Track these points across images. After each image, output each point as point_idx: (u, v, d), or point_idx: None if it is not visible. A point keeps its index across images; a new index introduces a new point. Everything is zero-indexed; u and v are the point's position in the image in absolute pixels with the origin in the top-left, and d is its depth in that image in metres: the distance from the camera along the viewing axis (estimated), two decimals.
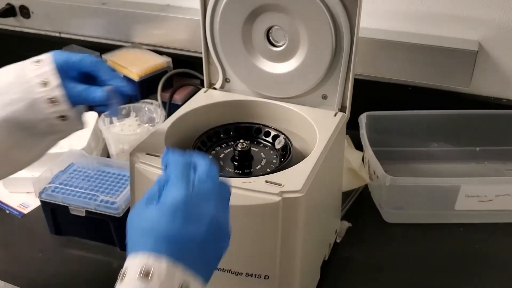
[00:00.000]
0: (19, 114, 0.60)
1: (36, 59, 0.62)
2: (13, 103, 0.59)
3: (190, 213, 0.47)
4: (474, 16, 1.05)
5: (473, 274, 0.82)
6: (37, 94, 0.60)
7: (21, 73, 0.61)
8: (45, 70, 0.61)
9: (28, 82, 0.60)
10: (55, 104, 0.60)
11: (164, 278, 0.42)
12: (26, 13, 1.44)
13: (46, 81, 0.60)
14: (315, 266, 0.78)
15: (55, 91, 0.60)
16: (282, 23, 0.76)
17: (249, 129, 0.80)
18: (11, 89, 0.60)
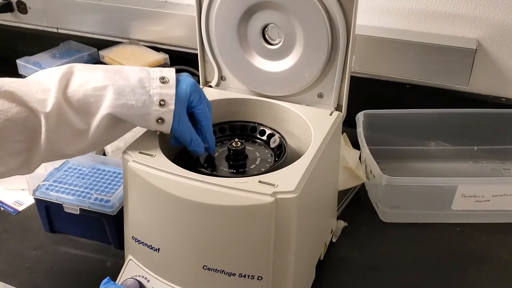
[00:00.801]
0: (127, 117, 0.66)
1: (162, 76, 0.67)
2: (128, 107, 0.65)
3: None
4: (473, 14, 1.05)
5: (469, 274, 0.82)
6: (152, 111, 0.66)
7: (145, 82, 0.66)
8: (167, 92, 0.66)
9: (150, 96, 0.65)
10: (161, 124, 0.67)
11: None
12: (23, 9, 1.43)
13: (165, 103, 0.66)
14: (309, 266, 0.78)
15: (167, 115, 0.66)
16: (278, 21, 0.76)
17: (243, 128, 0.80)
18: (131, 95, 0.65)
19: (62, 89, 0.64)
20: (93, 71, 0.67)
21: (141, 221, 0.70)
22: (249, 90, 0.84)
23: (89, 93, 0.64)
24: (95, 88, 0.64)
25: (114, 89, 0.65)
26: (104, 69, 0.67)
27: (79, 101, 0.64)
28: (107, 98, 0.64)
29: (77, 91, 0.64)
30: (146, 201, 0.68)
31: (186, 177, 0.63)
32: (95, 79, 0.65)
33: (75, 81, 0.65)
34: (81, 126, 0.65)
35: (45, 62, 1.28)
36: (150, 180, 0.64)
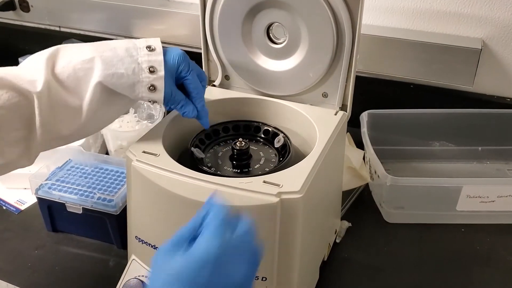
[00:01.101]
0: (119, 87, 0.65)
1: (148, 44, 0.67)
2: (118, 76, 0.65)
3: (217, 272, 0.47)
4: (478, 13, 1.04)
5: (474, 275, 0.81)
6: (143, 78, 0.66)
7: (133, 51, 0.66)
8: (155, 59, 0.66)
9: (139, 64, 0.65)
10: (153, 92, 0.66)
11: None
12: (26, 7, 1.43)
13: (154, 69, 0.66)
14: (314, 266, 0.77)
15: (158, 81, 0.66)
16: (283, 20, 0.75)
17: (248, 127, 0.79)
18: (120, 64, 0.65)
19: (50, 68, 0.64)
20: (79, 47, 0.67)
21: (145, 220, 0.70)
22: (253, 90, 0.83)
23: (78, 67, 0.64)
24: (83, 61, 0.65)
25: (102, 60, 0.65)
26: (89, 44, 0.67)
27: (69, 77, 0.64)
28: (96, 69, 0.64)
29: (65, 68, 0.64)
30: (150, 200, 0.67)
31: (190, 176, 0.62)
32: (81, 53, 0.65)
33: (62, 59, 0.65)
34: (74, 102, 0.64)
35: None
36: (154, 179, 0.64)
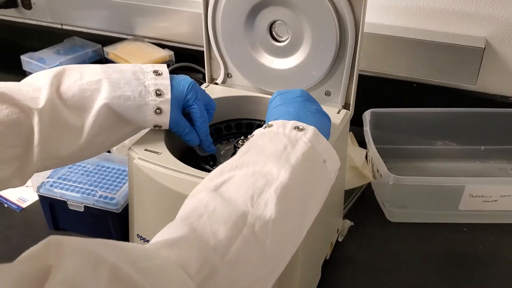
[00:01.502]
0: (125, 109, 0.65)
1: (155, 69, 0.68)
2: (125, 98, 0.64)
3: None
4: (482, 12, 1.04)
5: (476, 275, 0.81)
6: (149, 101, 0.66)
7: (140, 75, 0.67)
8: (162, 82, 0.67)
9: (146, 87, 0.66)
10: (159, 115, 0.67)
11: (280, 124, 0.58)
12: (28, 4, 1.42)
13: (160, 92, 0.66)
14: (316, 265, 0.77)
15: (165, 104, 0.66)
16: (286, 17, 0.75)
17: (250, 126, 0.79)
18: (127, 86, 0.65)
19: (55, 86, 0.63)
20: (85, 68, 0.66)
21: (147, 219, 0.70)
22: (256, 88, 0.83)
23: (84, 87, 0.64)
24: (89, 82, 0.64)
25: (110, 82, 0.64)
26: (97, 66, 0.67)
27: (73, 96, 0.63)
28: (103, 91, 0.64)
29: (71, 87, 0.63)
30: (152, 198, 0.67)
31: (192, 175, 0.62)
32: (89, 74, 0.65)
33: (69, 78, 0.64)
34: (76, 122, 0.63)
35: (49, 58, 1.27)
36: (156, 177, 0.64)
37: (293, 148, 0.54)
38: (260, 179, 0.50)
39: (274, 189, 0.50)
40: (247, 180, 0.51)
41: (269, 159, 0.53)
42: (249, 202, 0.48)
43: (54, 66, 1.20)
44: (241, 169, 0.52)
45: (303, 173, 0.53)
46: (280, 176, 0.51)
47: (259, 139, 0.57)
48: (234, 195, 0.49)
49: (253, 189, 0.49)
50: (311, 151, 0.55)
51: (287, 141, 0.55)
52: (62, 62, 1.24)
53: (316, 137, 0.57)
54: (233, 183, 0.50)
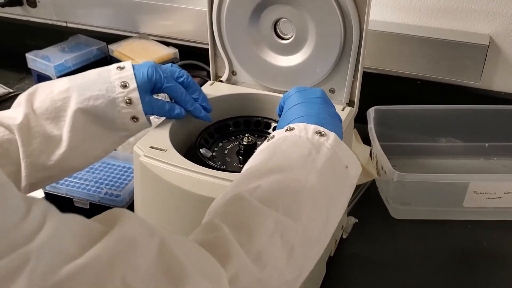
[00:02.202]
0: (98, 109, 0.67)
1: (118, 65, 0.70)
2: (94, 98, 0.67)
3: None
4: (486, 9, 1.04)
5: (481, 272, 0.81)
6: (117, 94, 0.68)
7: (104, 74, 0.69)
8: (126, 75, 0.69)
9: (111, 82, 0.68)
10: (130, 106, 0.68)
11: (302, 128, 0.58)
12: (33, 2, 1.43)
13: (126, 84, 0.68)
14: (320, 262, 0.77)
15: (133, 93, 0.68)
16: (290, 15, 0.75)
17: (255, 123, 0.79)
18: (94, 86, 0.68)
19: (30, 103, 0.67)
20: (55, 82, 0.70)
21: (152, 215, 0.70)
22: (260, 85, 0.83)
23: (55, 98, 0.67)
24: (59, 92, 0.67)
25: (77, 87, 0.68)
26: (65, 78, 0.70)
27: (47, 109, 0.67)
28: (73, 97, 0.67)
29: (44, 101, 0.67)
30: (157, 195, 0.68)
31: (197, 172, 0.63)
32: (58, 85, 0.68)
33: (40, 94, 0.68)
34: (53, 132, 0.67)
35: (54, 56, 1.27)
36: (161, 174, 0.64)
37: (317, 154, 0.55)
38: (289, 186, 0.52)
39: (303, 196, 0.51)
40: (276, 187, 0.51)
41: (295, 165, 0.54)
42: (279, 209, 0.49)
43: (59, 64, 1.21)
44: (269, 176, 0.52)
45: (327, 179, 0.54)
46: (307, 182, 0.52)
47: (283, 143, 0.57)
48: (264, 202, 0.49)
49: (283, 197, 0.51)
50: (334, 157, 0.56)
51: (311, 145, 0.55)
52: (67, 60, 1.24)
53: (337, 142, 0.57)
54: (263, 190, 0.51)
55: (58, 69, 1.23)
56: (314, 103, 0.62)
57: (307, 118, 0.60)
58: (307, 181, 0.52)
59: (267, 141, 0.59)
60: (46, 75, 1.24)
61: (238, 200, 0.50)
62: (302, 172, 0.53)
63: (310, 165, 0.54)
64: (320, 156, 0.55)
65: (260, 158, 0.56)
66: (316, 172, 0.53)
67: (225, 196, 0.51)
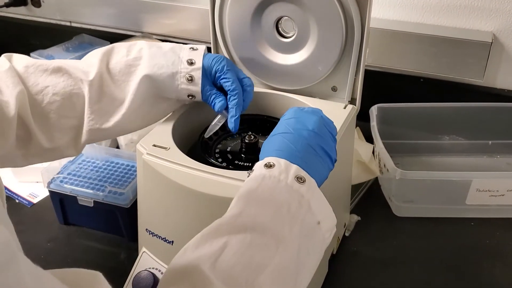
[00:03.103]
0: (160, 77, 0.70)
1: (192, 46, 0.73)
2: (160, 67, 0.70)
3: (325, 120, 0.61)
4: (489, 6, 1.03)
5: (483, 269, 0.81)
6: (181, 68, 0.71)
7: (176, 49, 0.73)
8: (195, 54, 0.72)
9: (180, 58, 0.71)
10: (190, 83, 0.71)
11: (283, 168, 0.53)
12: (37, 2, 1.44)
13: (192, 61, 0.71)
14: (322, 260, 0.77)
15: (196, 72, 0.71)
16: (292, 13, 0.75)
17: (257, 121, 0.80)
18: (163, 57, 0.71)
19: (105, 63, 0.71)
20: (132, 45, 0.73)
21: (155, 213, 0.70)
22: (263, 83, 0.83)
23: (130, 63, 0.71)
24: (134, 58, 0.71)
25: (149, 54, 0.71)
26: (142, 42, 0.74)
27: (120, 71, 0.70)
28: (143, 63, 0.71)
29: (118, 63, 0.71)
30: (160, 193, 0.68)
31: (200, 170, 0.63)
32: (134, 50, 0.72)
33: (117, 55, 0.72)
34: (120, 95, 0.70)
35: (59, 56, 1.28)
36: (164, 172, 0.65)
37: (293, 211, 0.51)
38: (257, 256, 0.47)
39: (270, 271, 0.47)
40: (243, 253, 0.47)
41: (268, 225, 0.49)
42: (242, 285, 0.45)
43: None
44: (238, 234, 0.48)
45: (300, 243, 0.50)
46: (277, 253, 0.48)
47: (259, 187, 0.52)
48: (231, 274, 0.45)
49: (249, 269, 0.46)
50: (309, 214, 0.52)
51: (289, 197, 0.51)
52: (71, 59, 1.24)
53: (315, 195, 0.53)
54: (229, 255, 0.46)
55: None
56: (303, 137, 0.57)
57: (290, 154, 0.55)
58: (277, 252, 0.48)
59: (247, 175, 0.55)
60: None
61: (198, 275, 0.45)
62: (274, 237, 0.49)
63: (283, 231, 0.49)
64: (296, 216, 0.51)
65: (233, 206, 0.52)
66: (289, 242, 0.49)
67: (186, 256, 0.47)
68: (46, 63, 0.69)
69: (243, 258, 0.47)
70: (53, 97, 0.67)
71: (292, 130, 0.58)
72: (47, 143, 0.68)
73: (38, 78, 0.68)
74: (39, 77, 0.68)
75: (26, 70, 0.68)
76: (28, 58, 0.70)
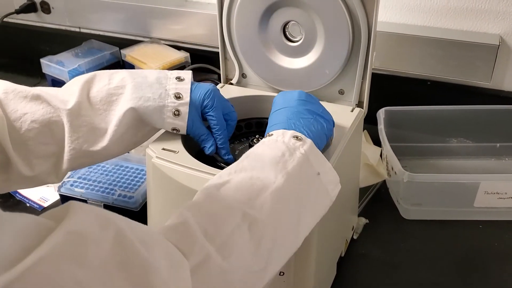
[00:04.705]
0: (146, 110, 0.68)
1: (179, 75, 0.71)
2: (146, 100, 0.68)
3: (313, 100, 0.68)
4: (496, 9, 1.04)
5: (492, 272, 0.81)
6: (168, 103, 0.68)
7: (162, 80, 0.70)
8: (183, 87, 0.69)
9: (167, 90, 0.69)
10: (176, 118, 0.69)
11: (280, 133, 0.59)
12: (47, 9, 1.45)
13: (180, 95, 0.69)
14: (331, 262, 0.78)
15: (184, 107, 0.69)
16: (299, 18, 0.76)
17: (265, 124, 0.80)
18: (149, 89, 0.68)
19: (86, 91, 0.68)
20: (115, 73, 0.70)
21: (165, 217, 0.70)
22: (270, 87, 0.84)
23: (112, 92, 0.68)
24: (117, 87, 0.68)
25: (133, 85, 0.68)
26: (124, 71, 0.71)
27: (101, 100, 0.68)
28: (127, 93, 0.68)
29: (100, 91, 0.68)
30: (170, 197, 0.69)
31: (209, 173, 0.64)
32: (116, 79, 0.69)
33: (98, 83, 0.69)
34: (101, 124, 0.68)
35: (68, 61, 1.30)
36: (173, 176, 0.65)
37: (290, 156, 0.57)
38: (257, 183, 0.53)
39: (270, 193, 0.53)
40: (245, 183, 0.53)
41: (266, 164, 0.55)
42: (246, 203, 0.51)
43: (72, 69, 1.23)
44: (240, 173, 0.54)
45: (298, 181, 0.56)
46: (276, 180, 0.54)
47: (259, 146, 0.59)
48: (232, 196, 0.52)
49: (250, 192, 0.52)
50: (306, 163, 0.57)
51: (285, 148, 0.57)
52: (80, 64, 1.26)
53: (312, 149, 0.59)
54: (231, 185, 0.53)
55: (72, 74, 1.25)
56: (292, 107, 0.64)
57: (285, 124, 0.62)
58: (276, 179, 0.54)
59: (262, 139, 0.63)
60: (60, 80, 1.26)
61: (206, 192, 0.52)
62: (272, 171, 0.54)
63: (281, 165, 0.55)
64: (293, 158, 0.56)
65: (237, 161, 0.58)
66: (286, 173, 0.55)
67: None
68: (25, 89, 0.67)
69: (244, 186, 0.53)
70: (31, 124, 0.65)
71: (282, 106, 0.65)
72: (27, 170, 0.66)
73: (18, 104, 0.66)
74: (18, 104, 0.66)
75: (6, 96, 0.66)
76: (8, 83, 0.67)
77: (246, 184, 0.53)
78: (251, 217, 0.50)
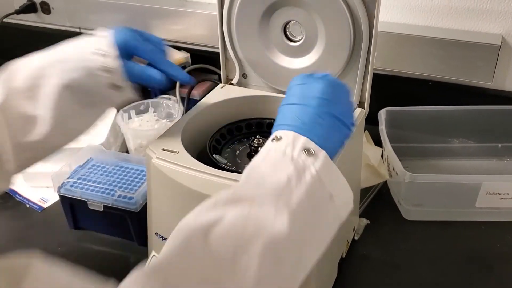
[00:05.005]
0: (77, 81, 0.64)
1: (95, 33, 0.66)
2: (71, 70, 0.64)
3: None
4: (497, 9, 1.03)
5: (494, 273, 0.81)
6: (92, 62, 0.64)
7: (81, 43, 0.66)
8: (102, 42, 0.65)
9: (85, 51, 0.64)
10: (109, 73, 0.64)
11: (290, 141, 0.52)
12: (47, 9, 1.45)
13: (103, 52, 0.64)
14: (332, 263, 0.77)
15: (110, 60, 0.64)
16: (300, 18, 0.76)
17: (265, 125, 0.80)
18: (71, 58, 0.65)
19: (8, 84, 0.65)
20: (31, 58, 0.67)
21: (165, 217, 0.71)
22: (271, 87, 0.84)
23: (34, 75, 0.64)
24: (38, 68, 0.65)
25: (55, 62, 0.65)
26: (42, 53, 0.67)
27: (28, 86, 0.64)
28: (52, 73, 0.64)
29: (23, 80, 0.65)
30: (170, 197, 0.68)
31: (209, 173, 0.63)
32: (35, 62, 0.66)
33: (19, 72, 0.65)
34: (35, 111, 0.64)
35: None
36: (173, 176, 0.65)
37: (298, 181, 0.49)
38: (251, 226, 0.46)
39: (262, 243, 0.45)
40: (237, 225, 0.46)
41: (267, 195, 0.48)
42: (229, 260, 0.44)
43: None
44: (236, 206, 0.47)
45: (302, 218, 0.48)
46: (275, 224, 0.46)
47: (262, 162, 0.52)
48: (219, 245, 0.45)
49: (239, 241, 0.45)
50: (317, 186, 0.50)
51: (293, 170, 0.50)
52: None
53: (325, 166, 0.51)
54: (223, 227, 0.46)
55: None
56: (311, 107, 0.55)
57: (298, 128, 0.53)
58: (274, 223, 0.46)
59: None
60: None
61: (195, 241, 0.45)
62: (271, 208, 0.47)
63: (284, 200, 0.47)
64: (300, 186, 0.49)
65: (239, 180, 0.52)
66: (287, 212, 0.47)
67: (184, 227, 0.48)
68: None
69: (236, 229, 0.46)
70: None
71: (300, 100, 0.56)
72: None
73: None
74: None
75: None
76: None
77: (238, 227, 0.46)
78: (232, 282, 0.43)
